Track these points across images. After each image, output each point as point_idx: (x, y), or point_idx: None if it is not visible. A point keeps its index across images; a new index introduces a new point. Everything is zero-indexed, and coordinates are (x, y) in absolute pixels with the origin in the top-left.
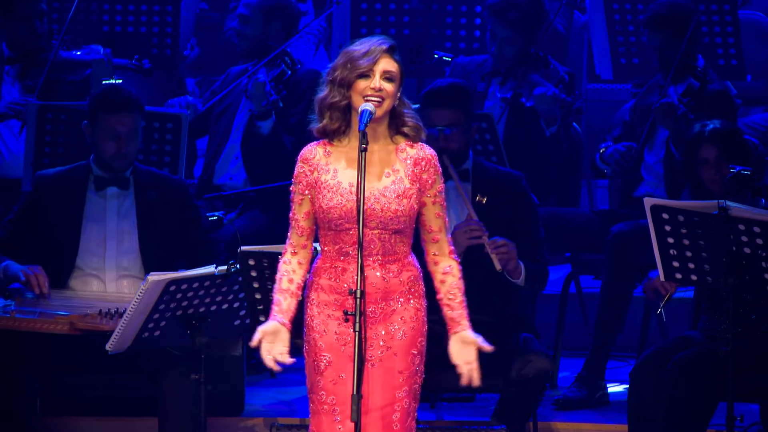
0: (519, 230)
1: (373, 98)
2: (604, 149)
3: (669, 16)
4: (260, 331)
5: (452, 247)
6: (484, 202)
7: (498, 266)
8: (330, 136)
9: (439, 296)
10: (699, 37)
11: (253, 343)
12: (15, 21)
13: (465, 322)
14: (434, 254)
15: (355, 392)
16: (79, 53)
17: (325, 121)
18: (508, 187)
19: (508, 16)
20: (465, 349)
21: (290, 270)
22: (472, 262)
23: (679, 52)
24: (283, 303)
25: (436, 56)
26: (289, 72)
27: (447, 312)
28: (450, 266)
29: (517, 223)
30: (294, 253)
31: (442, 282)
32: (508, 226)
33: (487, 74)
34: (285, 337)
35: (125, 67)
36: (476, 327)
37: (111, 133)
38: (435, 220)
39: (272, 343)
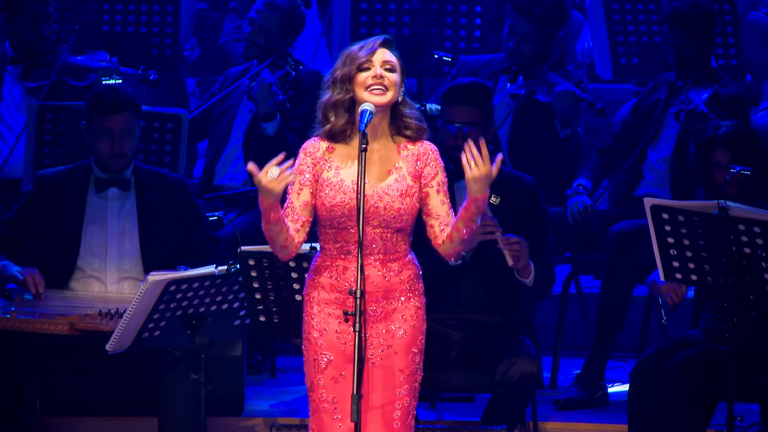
0: (528, 234)
1: (376, 87)
2: (570, 194)
3: (692, 14)
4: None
5: None
6: (497, 202)
7: (510, 262)
8: (336, 138)
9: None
10: (715, 38)
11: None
12: (20, 21)
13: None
14: (442, 229)
15: (355, 392)
16: (81, 58)
17: (331, 121)
18: (520, 191)
19: (533, 12)
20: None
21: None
22: (481, 260)
23: (698, 52)
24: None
25: (436, 56)
26: (293, 73)
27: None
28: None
29: (527, 227)
30: None
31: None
32: (518, 228)
33: (495, 72)
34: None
35: (132, 76)
36: (480, 327)
37: (105, 132)
38: (441, 206)
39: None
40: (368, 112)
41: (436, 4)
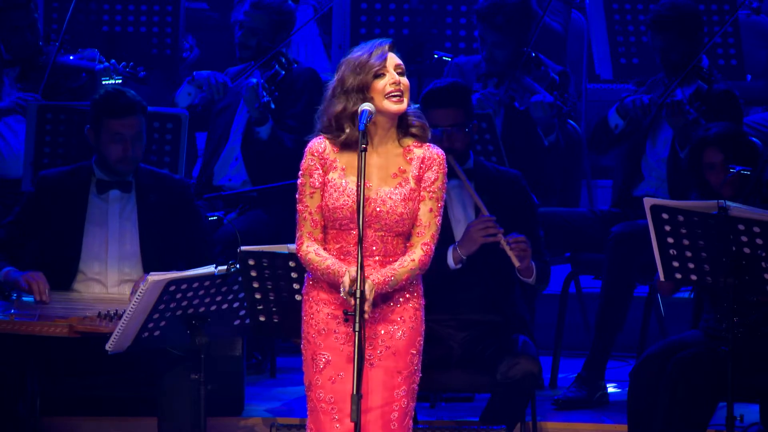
0: (520, 229)
1: (395, 94)
2: (626, 96)
3: (672, 16)
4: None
5: (428, 243)
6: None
7: (517, 263)
8: (351, 147)
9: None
10: (702, 37)
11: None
12: (6, 30)
13: (379, 278)
14: (410, 243)
15: (355, 392)
16: (72, 57)
17: (347, 132)
18: (508, 186)
19: (496, 20)
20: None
21: (315, 249)
22: (480, 261)
23: (684, 53)
24: (332, 261)
25: (436, 56)
26: (283, 72)
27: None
28: (415, 256)
29: (518, 222)
30: (312, 240)
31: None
32: (508, 223)
33: (483, 75)
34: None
35: (120, 73)
36: (481, 327)
37: (117, 137)
38: (426, 214)
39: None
40: (366, 112)
41: (436, 4)
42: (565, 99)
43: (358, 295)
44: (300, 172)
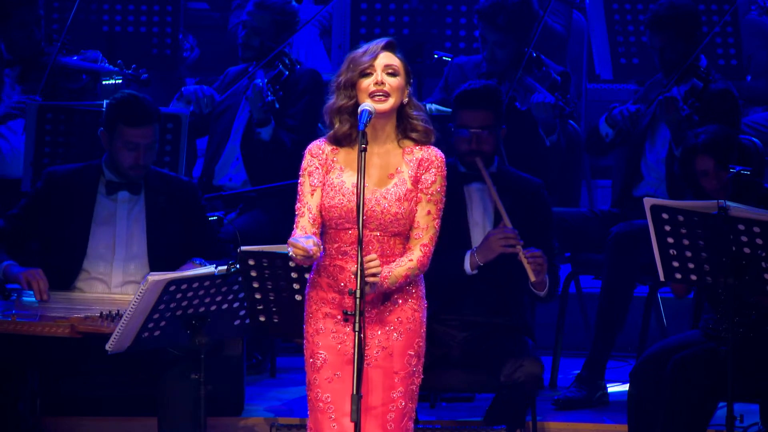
0: (535, 237)
1: (378, 94)
2: (613, 107)
3: (670, 16)
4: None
5: (427, 245)
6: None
7: (533, 277)
8: (341, 142)
9: None
10: (701, 37)
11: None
12: (12, 27)
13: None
14: (416, 240)
15: (355, 392)
16: (75, 58)
17: (335, 126)
18: (528, 194)
19: (497, 20)
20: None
21: (299, 234)
22: (494, 268)
23: (682, 52)
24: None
25: (436, 56)
26: (287, 72)
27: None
28: (414, 257)
29: (534, 231)
30: (304, 233)
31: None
32: (524, 232)
33: (483, 74)
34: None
35: (122, 75)
36: (482, 328)
37: (131, 145)
38: (424, 217)
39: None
40: (367, 112)
41: (436, 4)
42: (567, 100)
43: (358, 295)
44: (300, 172)
